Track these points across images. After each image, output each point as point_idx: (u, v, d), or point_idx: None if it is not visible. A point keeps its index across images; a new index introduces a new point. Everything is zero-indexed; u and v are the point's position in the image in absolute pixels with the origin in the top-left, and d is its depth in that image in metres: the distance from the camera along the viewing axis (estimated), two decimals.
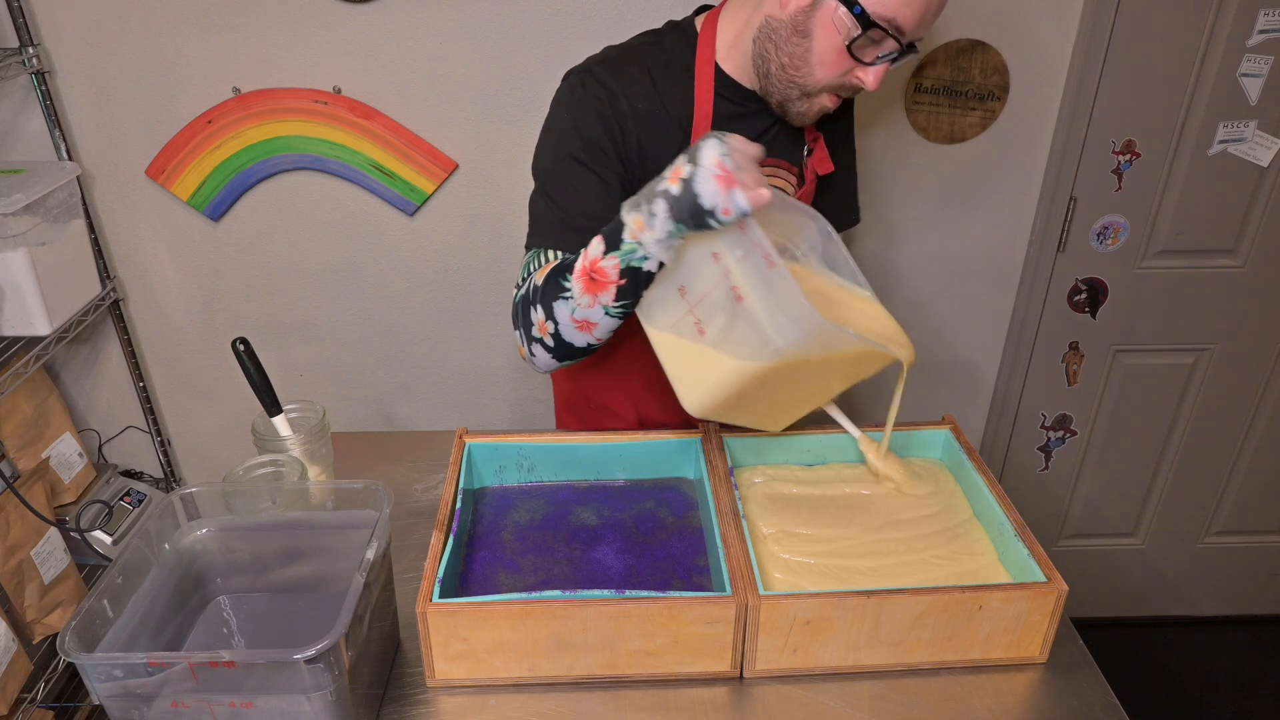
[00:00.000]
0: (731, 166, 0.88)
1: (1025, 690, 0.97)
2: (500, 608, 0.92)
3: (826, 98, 1.13)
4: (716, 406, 0.99)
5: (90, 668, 0.80)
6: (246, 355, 1.22)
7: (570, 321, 1.03)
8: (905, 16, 1.03)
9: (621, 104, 1.11)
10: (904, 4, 1.02)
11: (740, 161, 0.89)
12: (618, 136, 1.12)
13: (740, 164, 0.89)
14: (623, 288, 0.98)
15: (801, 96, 1.12)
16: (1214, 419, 2.11)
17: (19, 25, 1.58)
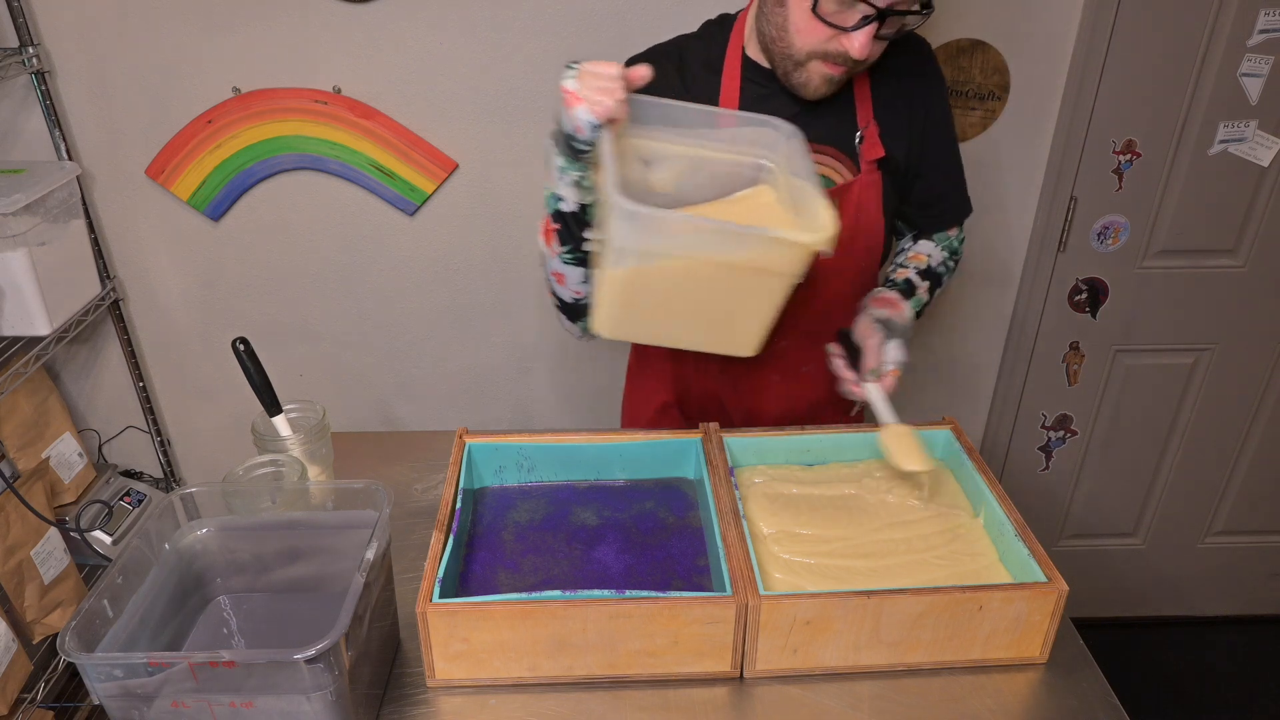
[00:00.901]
0: (573, 86, 0.93)
1: (1025, 690, 0.97)
2: (500, 608, 0.92)
3: (822, 65, 1.10)
4: (612, 322, 1.01)
5: (90, 668, 0.80)
6: (246, 355, 1.22)
7: (552, 277, 1.12)
8: None
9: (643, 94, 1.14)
10: None
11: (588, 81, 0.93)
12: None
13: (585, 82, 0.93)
14: (560, 232, 1.05)
15: (795, 66, 1.12)
16: (1214, 419, 2.11)
17: (19, 25, 1.58)
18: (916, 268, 1.30)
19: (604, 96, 0.94)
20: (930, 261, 1.31)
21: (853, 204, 1.22)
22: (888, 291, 1.24)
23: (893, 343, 1.16)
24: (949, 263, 1.34)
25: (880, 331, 1.16)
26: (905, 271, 1.29)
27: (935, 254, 1.32)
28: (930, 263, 1.31)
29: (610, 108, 0.94)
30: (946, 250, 1.34)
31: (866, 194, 1.22)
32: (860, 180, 1.22)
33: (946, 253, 1.33)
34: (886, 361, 1.15)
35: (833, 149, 1.21)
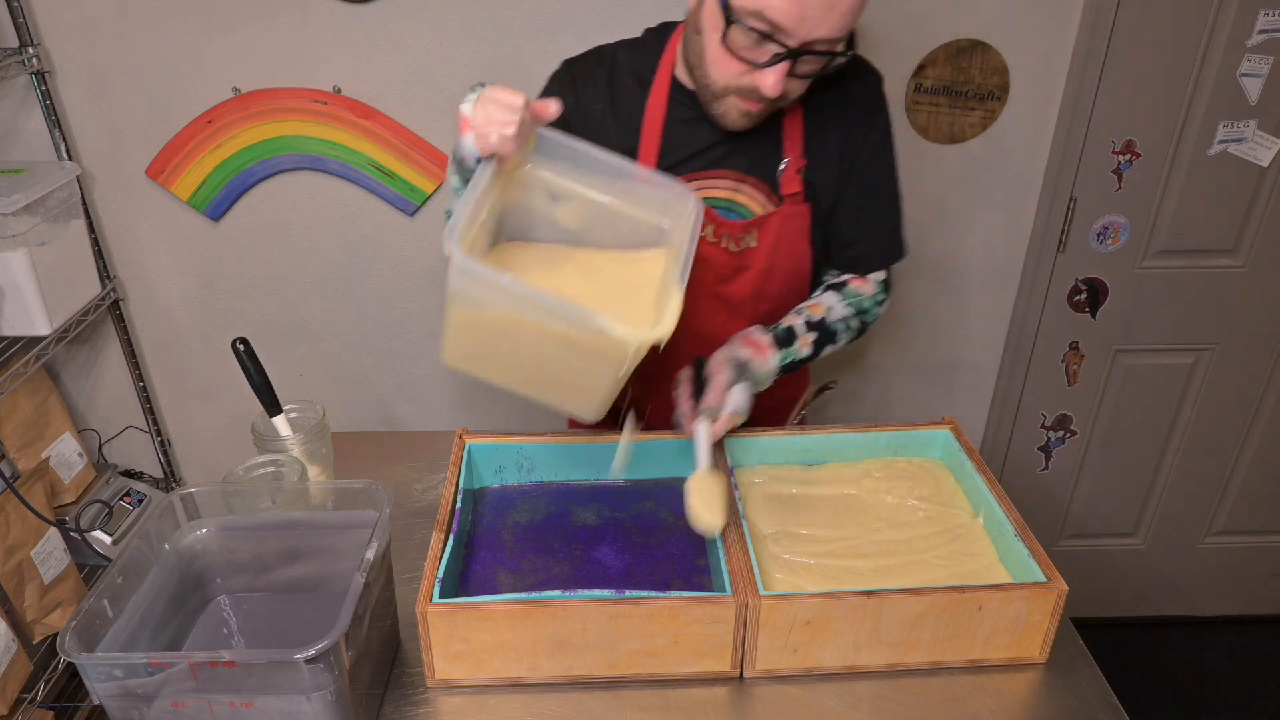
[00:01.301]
0: (467, 112, 0.91)
1: (1025, 690, 0.97)
2: (500, 608, 0.92)
3: (738, 100, 1.06)
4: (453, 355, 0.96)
5: (90, 668, 0.80)
6: (246, 355, 1.22)
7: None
8: (776, 8, 0.94)
9: (569, 99, 1.13)
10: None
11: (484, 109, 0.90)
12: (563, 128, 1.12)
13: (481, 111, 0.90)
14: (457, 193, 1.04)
15: (713, 98, 1.08)
16: (1214, 419, 2.11)
17: (19, 25, 1.58)
18: (808, 318, 1.23)
19: (492, 130, 0.90)
20: (827, 316, 1.24)
21: (771, 235, 1.19)
22: (760, 334, 1.18)
23: (739, 386, 1.12)
24: (852, 321, 1.26)
25: (731, 371, 1.13)
26: (794, 319, 1.22)
27: (837, 308, 1.25)
28: (827, 317, 1.24)
29: (494, 144, 0.90)
30: (853, 308, 1.25)
31: (789, 226, 1.19)
32: (781, 212, 1.18)
33: (852, 310, 1.25)
34: (726, 404, 1.11)
35: (754, 179, 1.18)
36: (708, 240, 1.19)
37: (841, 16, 0.95)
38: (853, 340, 1.29)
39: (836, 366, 2.06)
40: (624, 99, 1.16)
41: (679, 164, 1.17)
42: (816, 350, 1.23)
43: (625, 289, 1.03)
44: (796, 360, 1.21)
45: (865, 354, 2.04)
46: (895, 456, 1.23)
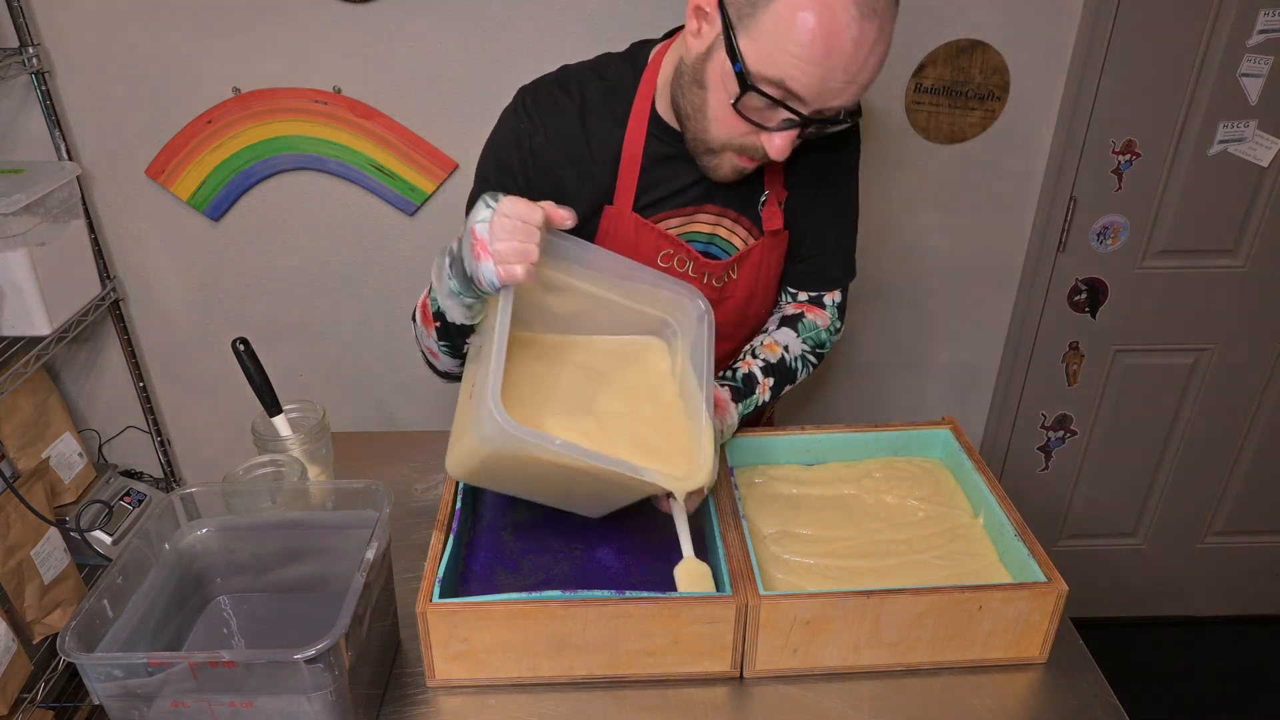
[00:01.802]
0: (484, 235, 0.84)
1: (1025, 690, 0.97)
2: (500, 608, 0.92)
3: (735, 158, 1.03)
4: (463, 473, 0.96)
5: (90, 668, 0.80)
6: (246, 355, 1.22)
7: (423, 345, 1.06)
8: (798, 80, 0.90)
9: (538, 136, 1.08)
10: (794, 65, 0.89)
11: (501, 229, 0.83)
12: (530, 168, 1.09)
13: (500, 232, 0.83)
14: (439, 329, 0.99)
15: (708, 151, 1.04)
16: (1214, 419, 2.11)
17: (19, 25, 1.58)
18: (766, 360, 1.20)
19: (519, 262, 0.84)
20: (786, 355, 1.21)
21: (752, 268, 1.18)
22: (718, 390, 1.14)
23: None
24: (809, 357, 1.24)
25: None
26: (751, 363, 1.19)
27: (794, 346, 1.22)
28: (786, 356, 1.21)
29: (519, 276, 0.84)
30: (810, 343, 1.24)
31: (769, 256, 1.19)
32: (762, 245, 1.17)
33: (808, 345, 1.24)
34: None
35: (734, 214, 1.15)
36: (689, 275, 1.16)
37: (860, 88, 0.94)
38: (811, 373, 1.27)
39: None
40: (599, 134, 1.09)
41: (658, 202, 1.13)
42: (776, 393, 1.21)
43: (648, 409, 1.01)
44: (758, 406, 1.19)
45: (865, 354, 2.04)
46: (895, 456, 1.23)
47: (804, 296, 1.26)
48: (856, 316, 1.99)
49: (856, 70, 0.91)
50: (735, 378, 1.18)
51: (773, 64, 0.91)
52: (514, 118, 1.11)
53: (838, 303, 1.27)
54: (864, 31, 0.88)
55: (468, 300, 0.92)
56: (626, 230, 1.12)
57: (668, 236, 1.14)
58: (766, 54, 0.91)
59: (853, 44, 0.88)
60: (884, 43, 0.91)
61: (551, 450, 0.84)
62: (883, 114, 1.77)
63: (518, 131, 1.10)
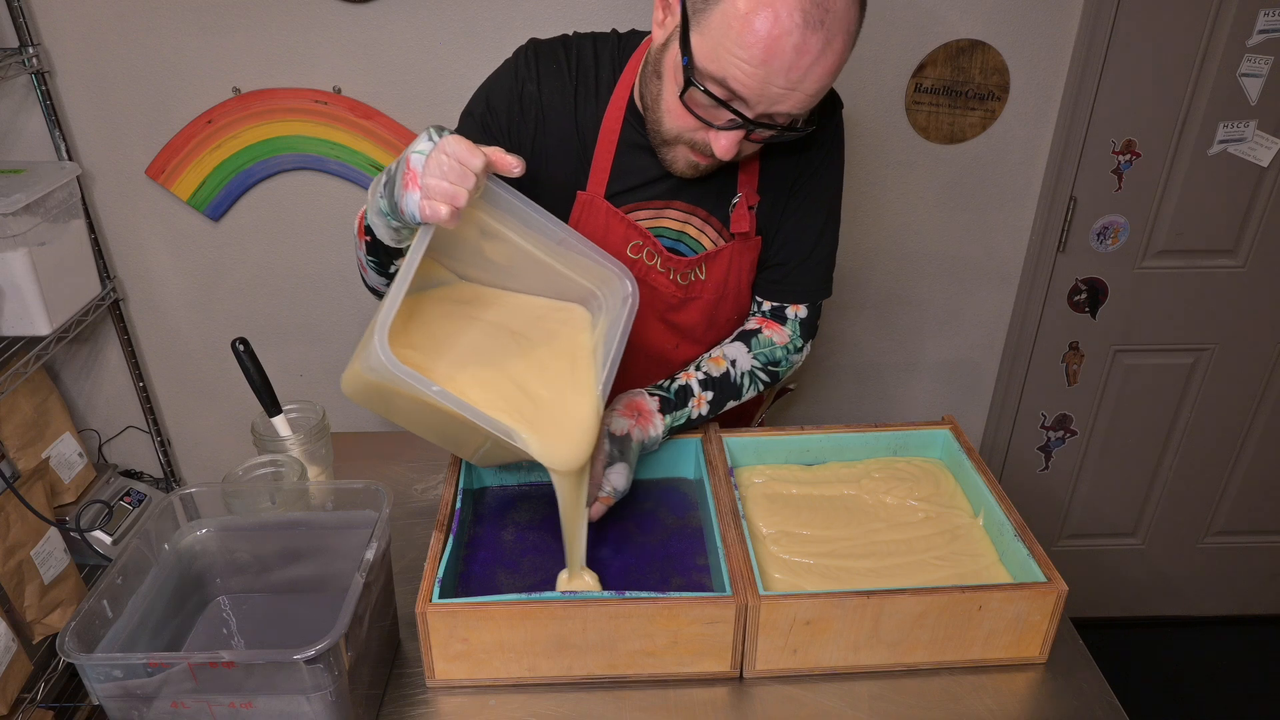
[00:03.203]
0: (417, 166, 0.82)
1: (1025, 690, 0.97)
2: (500, 608, 0.92)
3: (688, 152, 1.02)
4: (352, 393, 0.95)
5: (90, 668, 0.80)
6: (246, 355, 1.22)
7: (356, 257, 1.04)
8: (739, 80, 0.90)
9: (532, 88, 1.08)
10: (736, 65, 0.89)
11: (437, 165, 0.82)
12: (516, 115, 1.09)
13: (434, 168, 0.82)
14: (369, 243, 0.98)
15: (663, 143, 1.04)
16: (1214, 419, 2.11)
17: (19, 25, 1.58)
18: (706, 374, 1.18)
19: (443, 202, 0.82)
20: (732, 370, 1.19)
21: (720, 270, 1.17)
22: (644, 399, 1.13)
23: (617, 467, 1.07)
24: (760, 374, 1.21)
25: (607, 449, 1.07)
26: (691, 375, 1.18)
27: (742, 360, 1.20)
28: (731, 371, 1.19)
29: (442, 217, 0.82)
30: (761, 359, 1.20)
31: (739, 260, 1.17)
32: (732, 247, 1.15)
33: (760, 362, 1.20)
34: (603, 487, 1.06)
35: (704, 212, 1.14)
36: (656, 269, 1.16)
37: (805, 97, 0.92)
38: (763, 390, 1.24)
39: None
40: (586, 107, 1.09)
41: (628, 191, 1.12)
42: (715, 408, 1.18)
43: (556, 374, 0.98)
44: (691, 420, 1.17)
45: (866, 354, 2.04)
46: (895, 456, 1.23)
47: (768, 306, 1.23)
48: (857, 317, 1.99)
49: (799, 78, 0.89)
50: (669, 389, 1.16)
51: (716, 62, 0.90)
52: (513, 65, 1.11)
53: (801, 318, 1.23)
54: (807, 40, 0.87)
55: (394, 224, 0.90)
56: (598, 217, 1.12)
57: (637, 228, 1.13)
58: (712, 51, 0.90)
59: (794, 50, 0.87)
60: (832, 55, 0.90)
61: (427, 395, 0.83)
62: (883, 114, 1.77)
63: (514, 80, 1.09)
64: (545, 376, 0.98)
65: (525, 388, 0.96)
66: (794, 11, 0.86)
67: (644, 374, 1.21)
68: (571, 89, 1.09)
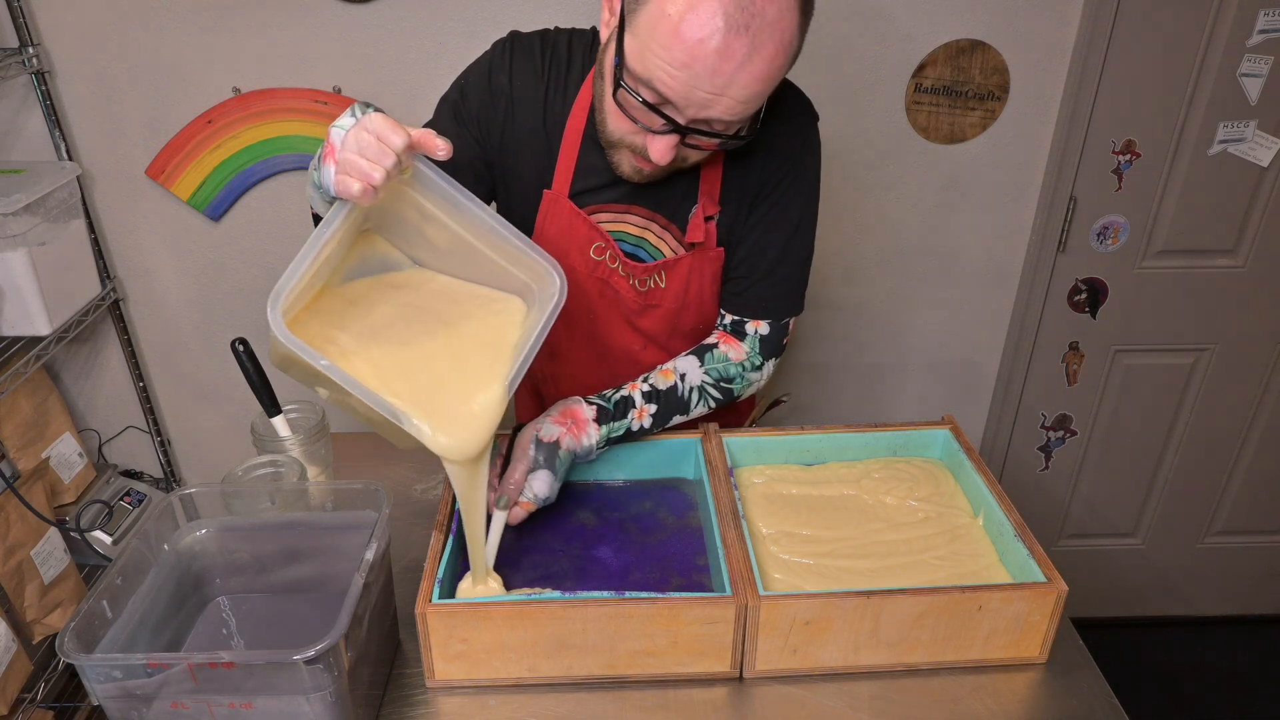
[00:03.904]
0: (336, 140, 0.80)
1: (1025, 690, 0.97)
2: (500, 608, 0.92)
3: (630, 156, 1.01)
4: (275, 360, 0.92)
5: (90, 668, 0.80)
6: (246, 355, 1.22)
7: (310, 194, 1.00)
8: (664, 83, 0.88)
9: (503, 79, 1.08)
10: (660, 67, 0.87)
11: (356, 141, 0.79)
12: (487, 105, 1.09)
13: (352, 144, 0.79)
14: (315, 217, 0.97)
15: (608, 145, 1.02)
16: (1214, 419, 2.11)
17: (19, 25, 1.58)
18: (652, 386, 1.15)
19: (355, 178, 0.79)
20: (680, 384, 1.15)
21: (681, 280, 1.15)
22: (581, 407, 1.11)
23: (541, 474, 1.05)
24: (711, 390, 1.17)
25: (531, 457, 1.06)
26: (635, 387, 1.15)
27: (692, 375, 1.16)
28: (680, 385, 1.15)
29: (354, 192, 0.79)
30: (714, 375, 1.17)
31: (701, 270, 1.15)
32: (692, 257, 1.13)
33: (712, 377, 1.17)
34: (524, 492, 1.05)
35: (663, 219, 1.12)
36: (618, 273, 1.15)
37: (735, 103, 0.89)
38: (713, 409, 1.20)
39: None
40: (555, 99, 1.08)
41: (589, 192, 1.11)
42: (659, 421, 1.15)
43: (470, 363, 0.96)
44: (631, 431, 1.14)
45: (865, 354, 2.04)
46: (895, 456, 1.23)
47: (729, 320, 1.20)
48: (857, 317, 1.99)
49: (724, 83, 0.87)
50: (610, 399, 1.13)
51: (643, 64, 0.89)
52: (490, 55, 1.10)
53: (763, 335, 1.19)
54: (729, 43, 0.85)
55: (327, 199, 0.88)
56: (562, 216, 1.12)
57: (600, 230, 1.12)
58: (639, 52, 0.89)
59: (716, 54, 0.85)
60: (761, 61, 0.87)
61: (317, 366, 0.82)
62: (883, 114, 1.77)
63: (490, 71, 1.09)
64: (457, 364, 0.95)
65: (434, 373, 0.94)
66: (716, 15, 0.84)
67: (614, 374, 1.21)
68: (542, 83, 1.08)
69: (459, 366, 0.95)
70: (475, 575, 1.00)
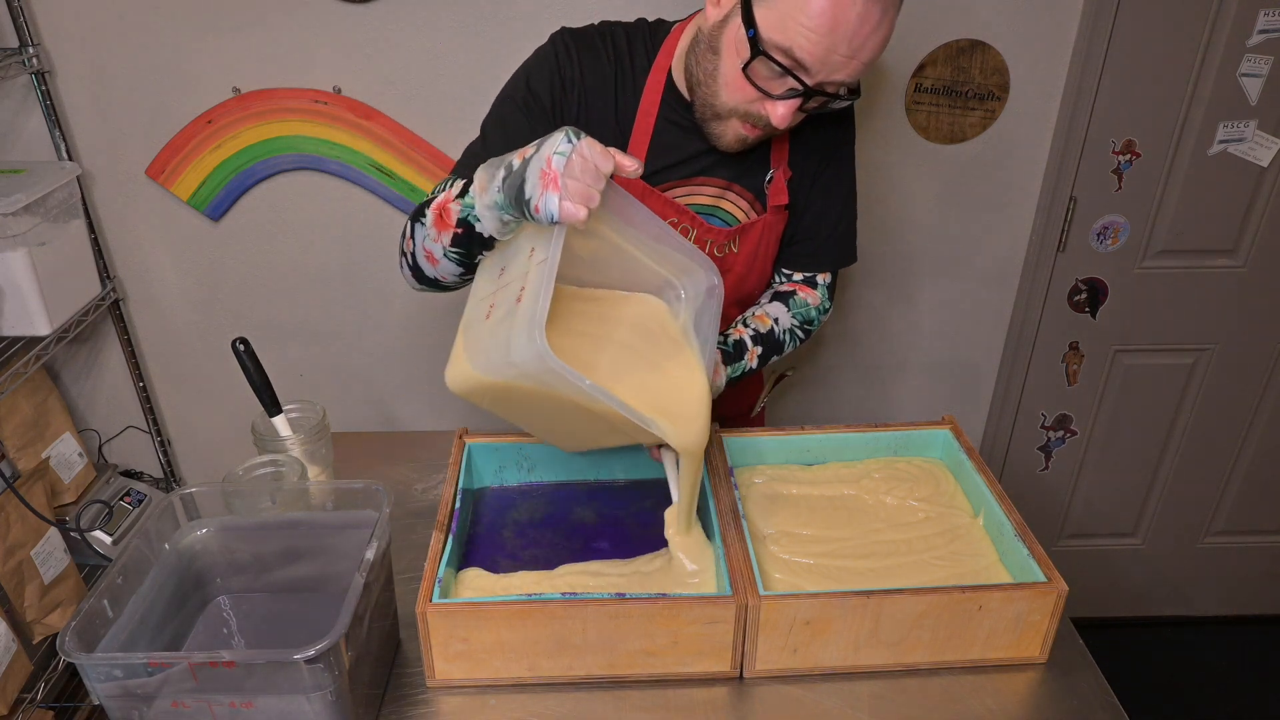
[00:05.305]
0: (558, 167, 0.84)
1: (1025, 690, 0.97)
2: (500, 608, 0.92)
3: (740, 125, 1.09)
4: (464, 391, 0.96)
5: (90, 668, 0.80)
6: (246, 355, 1.22)
7: (422, 247, 1.05)
8: (805, 49, 0.97)
9: (573, 71, 1.13)
10: (802, 34, 0.96)
11: (576, 168, 0.84)
12: (559, 98, 1.13)
13: (574, 170, 0.84)
14: (458, 236, 0.98)
15: (714, 117, 1.10)
16: (1214, 419, 2.11)
17: (19, 25, 1.58)
18: (756, 330, 1.24)
19: (581, 203, 0.84)
20: (776, 327, 1.25)
21: (753, 242, 1.23)
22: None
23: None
24: (797, 332, 1.28)
25: None
26: (742, 331, 1.23)
27: (784, 319, 1.26)
28: (775, 329, 1.25)
29: (580, 218, 0.84)
30: (799, 318, 1.28)
31: (768, 234, 1.23)
32: (764, 220, 1.21)
33: (798, 320, 1.28)
34: None
35: (739, 187, 1.20)
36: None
37: (861, 65, 1.00)
38: (797, 348, 1.31)
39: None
40: (624, 87, 1.15)
41: (666, 169, 1.17)
42: (763, 361, 1.25)
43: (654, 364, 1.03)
44: (745, 372, 1.23)
45: (866, 354, 2.04)
46: (895, 456, 1.23)
47: (798, 277, 1.31)
48: (858, 317, 1.99)
49: (859, 46, 0.97)
50: (727, 343, 1.21)
51: (783, 32, 0.97)
52: (550, 51, 1.15)
53: (828, 283, 1.32)
54: (869, 9, 0.95)
55: (507, 217, 0.92)
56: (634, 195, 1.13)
57: (673, 204, 1.18)
58: (778, 22, 0.97)
59: (858, 19, 0.95)
60: (887, 25, 0.98)
61: (578, 389, 0.86)
62: (883, 114, 1.77)
63: (555, 63, 1.13)
64: (655, 367, 1.02)
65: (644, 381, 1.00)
66: None
67: None
68: (612, 74, 1.15)
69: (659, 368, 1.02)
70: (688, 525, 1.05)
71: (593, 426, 0.98)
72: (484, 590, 1.01)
